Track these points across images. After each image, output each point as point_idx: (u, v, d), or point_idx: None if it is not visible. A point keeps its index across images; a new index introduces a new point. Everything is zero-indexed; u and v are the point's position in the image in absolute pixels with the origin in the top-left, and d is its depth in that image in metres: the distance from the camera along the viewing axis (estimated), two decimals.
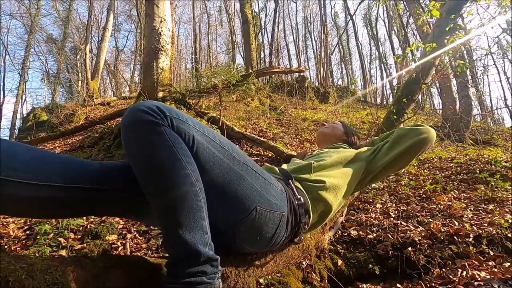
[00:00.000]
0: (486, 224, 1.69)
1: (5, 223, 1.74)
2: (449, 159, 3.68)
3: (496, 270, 1.28)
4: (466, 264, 1.34)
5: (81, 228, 1.64)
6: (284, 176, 0.86)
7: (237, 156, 0.67)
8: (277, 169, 0.92)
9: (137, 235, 1.59)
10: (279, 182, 0.79)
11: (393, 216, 1.93)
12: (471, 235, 1.55)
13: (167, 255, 0.59)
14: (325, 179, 0.86)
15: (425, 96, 11.41)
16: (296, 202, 0.77)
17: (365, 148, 1.05)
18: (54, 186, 0.54)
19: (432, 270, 1.36)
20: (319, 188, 0.84)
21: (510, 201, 2.11)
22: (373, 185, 2.62)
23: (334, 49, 20.56)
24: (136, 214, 0.72)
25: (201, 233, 0.56)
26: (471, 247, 1.45)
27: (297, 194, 0.79)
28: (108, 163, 0.66)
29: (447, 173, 3.06)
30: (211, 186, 0.62)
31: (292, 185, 0.81)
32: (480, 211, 1.98)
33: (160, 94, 4.36)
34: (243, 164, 0.68)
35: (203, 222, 0.57)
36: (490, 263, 1.35)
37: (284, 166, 1.01)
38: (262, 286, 1.10)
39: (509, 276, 1.20)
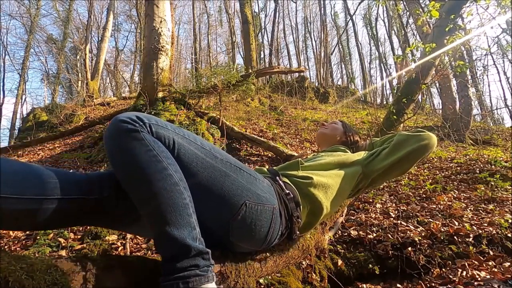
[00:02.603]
0: (486, 224, 1.69)
1: None
2: (449, 159, 3.68)
3: (496, 270, 1.28)
4: (466, 264, 1.34)
5: (81, 229, 1.63)
6: (271, 174, 0.87)
7: (219, 155, 0.70)
8: (265, 169, 0.93)
9: (137, 235, 1.59)
10: (266, 178, 0.80)
11: (393, 216, 1.93)
12: (471, 235, 1.55)
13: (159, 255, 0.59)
14: (313, 176, 0.86)
15: (425, 96, 11.42)
16: (285, 197, 0.78)
17: (362, 153, 1.05)
18: (38, 199, 0.55)
19: (432, 270, 1.36)
20: (307, 184, 0.84)
21: (510, 201, 2.11)
22: None
23: (334, 49, 20.59)
24: (123, 223, 0.72)
25: (189, 229, 0.57)
26: (471, 247, 1.45)
27: (285, 189, 0.80)
28: (94, 173, 0.68)
29: (447, 173, 3.06)
30: (197, 187, 0.64)
31: (280, 181, 0.82)
32: (480, 211, 1.97)
33: (160, 94, 4.36)
34: (225, 162, 0.70)
35: (190, 219, 0.58)
36: (490, 263, 1.35)
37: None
38: (262, 286, 1.10)
39: (509, 276, 1.20)
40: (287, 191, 0.80)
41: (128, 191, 0.60)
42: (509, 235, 1.55)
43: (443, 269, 1.36)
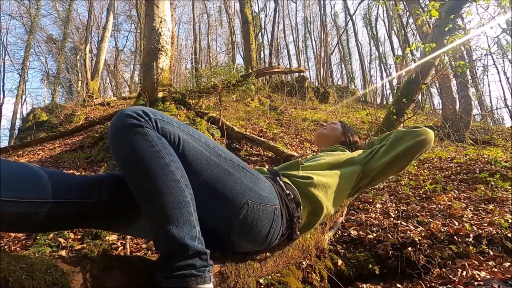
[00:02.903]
0: (486, 224, 1.69)
1: None
2: (449, 159, 3.68)
3: (496, 270, 1.28)
4: (466, 264, 1.34)
5: (81, 229, 1.63)
6: (272, 174, 0.87)
7: (223, 154, 0.69)
8: (265, 169, 0.93)
9: (135, 237, 1.59)
10: (267, 179, 0.80)
11: (393, 216, 1.93)
12: (471, 235, 1.55)
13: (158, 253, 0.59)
14: (313, 176, 0.86)
15: (425, 96, 11.41)
16: (286, 197, 0.78)
17: (360, 151, 1.05)
18: (38, 202, 0.54)
19: (432, 270, 1.36)
20: (308, 184, 0.84)
21: (510, 201, 2.11)
22: None
23: (334, 49, 20.60)
24: (122, 225, 0.73)
25: (189, 227, 0.57)
26: (471, 247, 1.45)
27: (286, 189, 0.80)
28: (94, 176, 0.67)
29: (447, 173, 3.06)
30: (199, 185, 0.64)
31: (280, 182, 0.82)
32: (480, 211, 1.97)
33: (160, 94, 4.37)
34: (229, 160, 0.70)
35: (190, 217, 0.58)
36: (490, 263, 1.35)
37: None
38: (262, 286, 1.10)
39: (509, 276, 1.20)
40: (288, 192, 0.80)
41: (130, 186, 0.59)
42: (509, 235, 1.55)
43: (443, 269, 1.36)
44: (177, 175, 0.58)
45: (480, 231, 1.58)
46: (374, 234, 1.63)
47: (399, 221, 1.80)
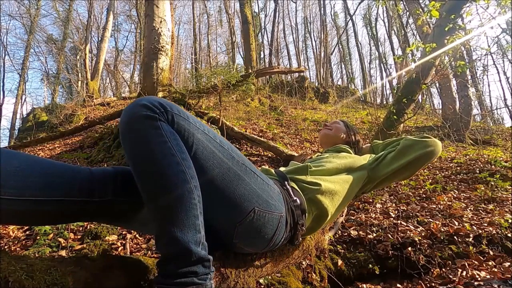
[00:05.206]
0: (486, 224, 1.69)
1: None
2: (449, 159, 3.68)
3: (496, 270, 1.28)
4: (466, 264, 1.34)
5: (81, 229, 1.63)
6: (280, 178, 0.86)
7: (236, 156, 0.67)
8: (273, 170, 0.92)
9: (137, 235, 1.59)
10: (275, 183, 0.79)
11: (393, 216, 1.93)
12: (471, 235, 1.55)
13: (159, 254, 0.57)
14: (321, 182, 0.85)
15: (425, 96, 11.42)
16: (292, 204, 0.77)
17: (367, 156, 1.05)
18: (38, 200, 0.53)
19: (432, 270, 1.36)
20: (315, 191, 0.83)
21: (510, 201, 2.11)
22: None
23: (334, 49, 20.58)
24: (125, 220, 0.72)
25: (194, 232, 0.55)
26: (471, 247, 1.45)
27: (293, 195, 0.79)
28: (98, 170, 0.65)
29: (447, 173, 3.06)
30: (209, 186, 0.62)
31: (288, 187, 0.81)
32: (480, 211, 1.98)
33: (160, 94, 4.37)
34: (241, 164, 0.67)
35: (196, 221, 0.55)
36: (490, 263, 1.35)
37: (282, 168, 1.01)
38: (262, 286, 1.09)
39: (509, 276, 1.20)
40: (295, 198, 0.78)
41: (137, 181, 0.57)
42: (509, 235, 1.55)
43: (443, 269, 1.36)
44: (188, 175, 0.55)
45: (480, 231, 1.58)
46: (374, 234, 1.63)
47: (399, 221, 1.80)
